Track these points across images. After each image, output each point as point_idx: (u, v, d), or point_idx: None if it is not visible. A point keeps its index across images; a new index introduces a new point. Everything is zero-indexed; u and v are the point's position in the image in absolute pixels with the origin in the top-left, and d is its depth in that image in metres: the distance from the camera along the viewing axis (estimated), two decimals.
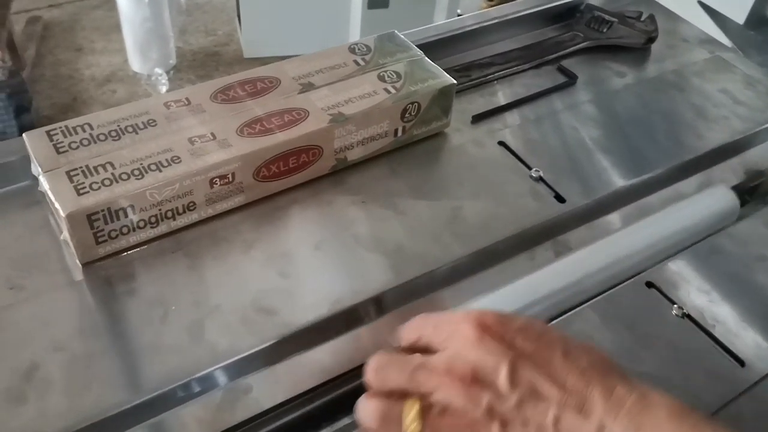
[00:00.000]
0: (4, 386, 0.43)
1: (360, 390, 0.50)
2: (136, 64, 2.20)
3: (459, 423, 0.38)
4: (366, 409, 0.40)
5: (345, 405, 0.48)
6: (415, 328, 0.43)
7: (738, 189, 0.64)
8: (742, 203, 0.63)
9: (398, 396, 0.39)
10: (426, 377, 0.39)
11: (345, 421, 0.46)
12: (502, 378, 0.37)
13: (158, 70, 2.18)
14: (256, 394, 0.46)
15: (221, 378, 0.46)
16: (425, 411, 0.38)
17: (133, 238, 0.51)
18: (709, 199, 0.60)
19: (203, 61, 2.31)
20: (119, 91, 2.16)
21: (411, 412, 0.38)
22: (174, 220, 0.52)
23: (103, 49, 2.31)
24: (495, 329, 0.39)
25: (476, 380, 0.38)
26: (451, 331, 0.40)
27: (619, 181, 0.62)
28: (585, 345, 0.39)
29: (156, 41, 2.14)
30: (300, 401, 0.48)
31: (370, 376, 0.41)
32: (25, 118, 1.81)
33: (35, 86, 2.10)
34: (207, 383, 0.45)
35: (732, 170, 0.66)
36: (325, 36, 2.21)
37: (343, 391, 0.49)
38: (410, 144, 0.63)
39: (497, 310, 0.41)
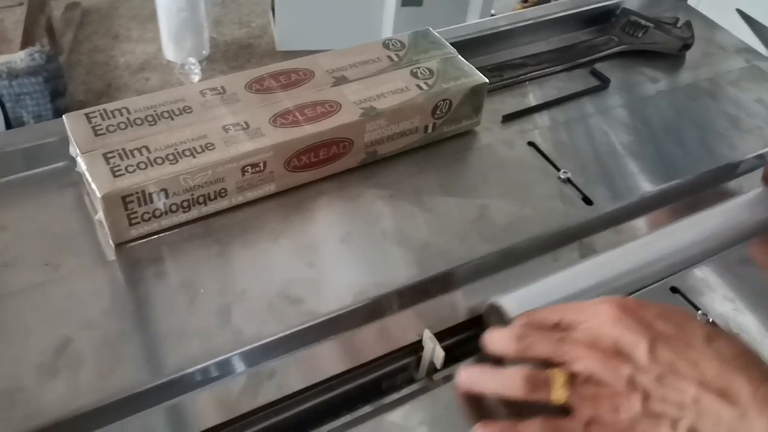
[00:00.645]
0: (38, 360, 0.44)
1: (380, 380, 0.51)
2: (170, 52, 2.23)
3: (602, 393, 0.39)
4: (515, 375, 0.42)
5: (365, 394, 0.49)
6: (556, 312, 0.45)
7: None
8: None
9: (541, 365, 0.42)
10: (570, 347, 0.41)
11: (366, 409, 0.47)
12: (642, 353, 0.39)
13: (191, 60, 2.20)
14: (278, 380, 0.47)
15: (246, 362, 0.47)
16: (571, 379, 0.40)
17: (165, 222, 0.52)
18: (741, 208, 0.60)
19: (236, 53, 2.34)
20: (152, 79, 2.19)
21: (560, 379, 0.40)
22: (205, 205, 0.53)
23: (138, 37, 2.34)
24: (635, 311, 0.41)
25: (617, 353, 0.39)
26: (592, 311, 0.42)
27: (647, 186, 0.62)
28: (729, 336, 0.40)
29: (190, 31, 2.17)
30: (321, 389, 0.49)
31: (511, 344, 0.43)
32: (60, 102, 1.84)
33: (71, 71, 2.14)
34: (232, 366, 0.46)
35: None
36: (357, 32, 2.22)
37: (363, 381, 0.50)
38: (440, 141, 0.63)
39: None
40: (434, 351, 0.49)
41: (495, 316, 0.50)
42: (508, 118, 0.67)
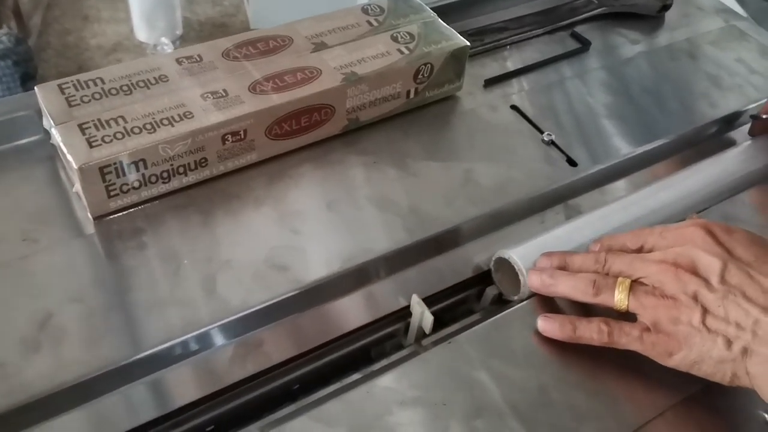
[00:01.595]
0: (20, 335, 0.43)
1: (370, 347, 0.50)
2: (142, 33, 2.18)
3: (665, 303, 0.41)
4: (584, 278, 0.44)
5: (354, 362, 0.49)
6: (640, 236, 0.46)
7: None
8: None
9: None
10: (643, 265, 0.43)
11: (354, 377, 0.46)
12: (714, 273, 0.41)
13: (164, 40, 2.16)
14: (267, 349, 0.46)
15: (233, 331, 0.46)
16: (635, 287, 0.43)
17: (145, 193, 0.51)
18: (730, 161, 0.60)
19: (210, 32, 2.30)
20: (125, 60, 2.15)
21: (624, 284, 0.43)
22: (186, 176, 0.52)
23: (109, 18, 2.30)
24: (719, 235, 0.42)
25: (689, 270, 0.41)
26: (677, 235, 0.44)
27: (631, 146, 0.62)
28: None
29: (162, 10, 2.12)
30: (309, 357, 0.48)
31: (591, 259, 0.46)
32: (31, 86, 1.80)
33: (41, 54, 2.09)
34: (219, 336, 0.46)
35: (744, 138, 0.66)
36: (332, 7, 2.19)
37: (352, 348, 0.49)
38: (422, 106, 0.62)
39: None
40: (423, 316, 0.48)
41: (504, 269, 0.50)
42: (490, 83, 0.66)
